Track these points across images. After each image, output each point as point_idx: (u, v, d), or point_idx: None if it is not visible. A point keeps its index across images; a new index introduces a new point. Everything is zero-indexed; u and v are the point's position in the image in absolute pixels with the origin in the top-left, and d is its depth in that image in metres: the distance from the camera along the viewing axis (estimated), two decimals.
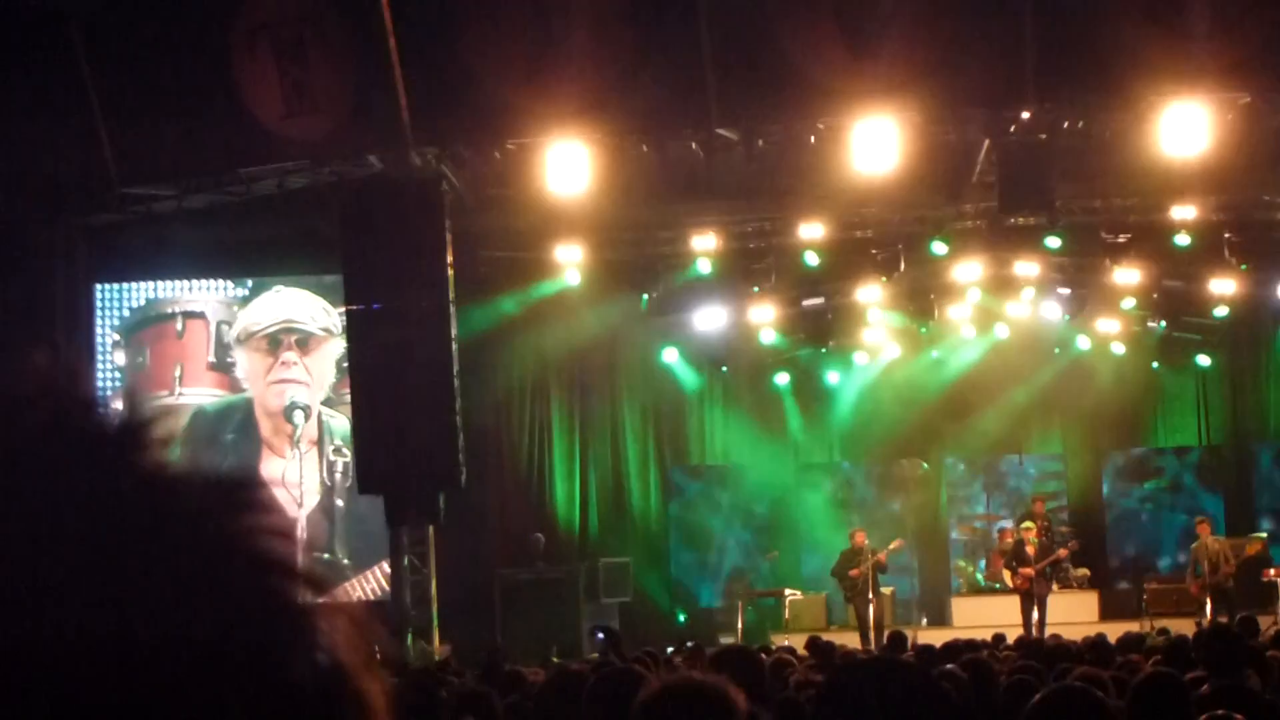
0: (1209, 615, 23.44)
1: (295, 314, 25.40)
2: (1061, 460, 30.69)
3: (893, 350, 30.07)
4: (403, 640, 21.82)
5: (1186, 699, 7.06)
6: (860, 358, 30.15)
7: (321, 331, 25.32)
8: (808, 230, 24.78)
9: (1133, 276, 26.29)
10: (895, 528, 27.89)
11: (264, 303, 25.44)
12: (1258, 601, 23.25)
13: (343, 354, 24.44)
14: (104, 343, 25.08)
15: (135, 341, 25.31)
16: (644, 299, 27.57)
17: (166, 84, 20.09)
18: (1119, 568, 29.18)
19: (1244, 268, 25.06)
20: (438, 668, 15.58)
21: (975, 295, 28.21)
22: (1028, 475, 30.23)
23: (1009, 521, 28.21)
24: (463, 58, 19.37)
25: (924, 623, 27.00)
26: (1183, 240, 24.68)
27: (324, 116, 20.07)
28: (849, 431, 30.65)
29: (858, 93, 18.92)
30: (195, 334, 25.42)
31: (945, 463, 30.35)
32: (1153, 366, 29.89)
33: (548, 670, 12.72)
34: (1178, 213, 24.15)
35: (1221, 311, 27.51)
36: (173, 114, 20.10)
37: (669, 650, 17.68)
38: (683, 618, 28.53)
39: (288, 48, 19.80)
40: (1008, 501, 29.80)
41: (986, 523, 29.04)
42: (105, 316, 25.17)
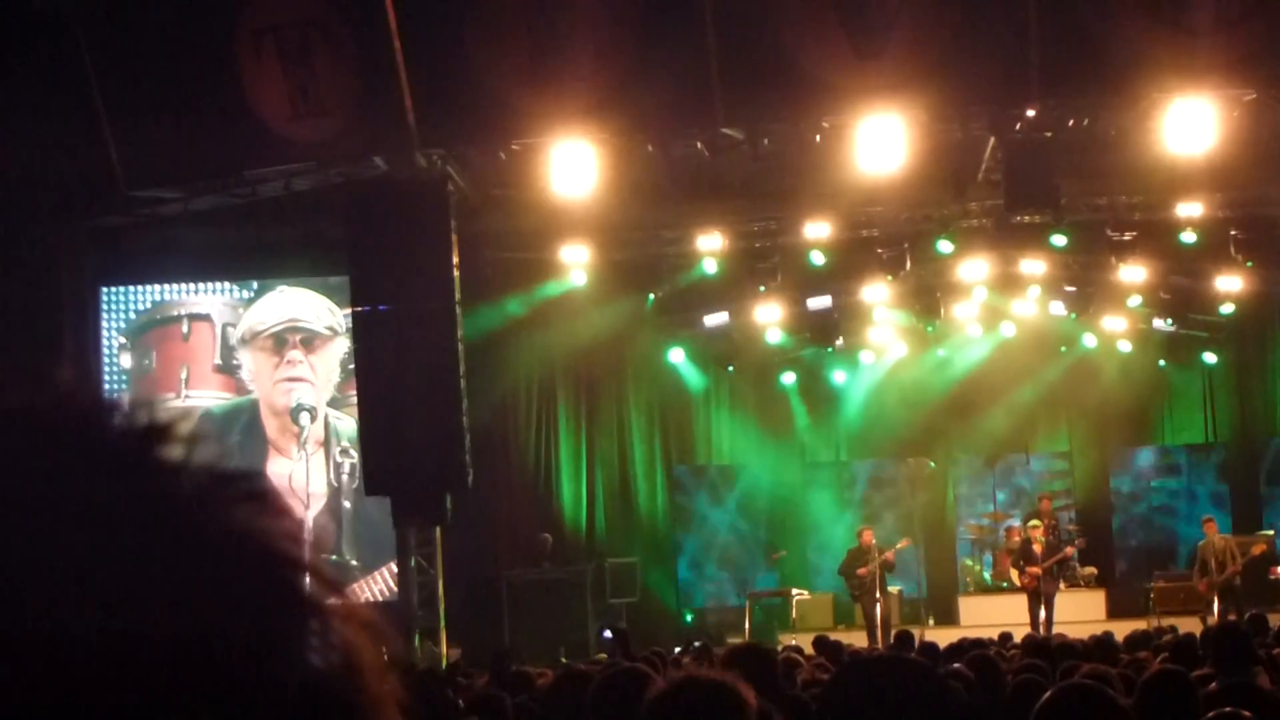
0: (1216, 613, 23.44)
1: (300, 313, 25.39)
2: (1068, 458, 30.69)
3: (899, 349, 30.09)
4: (410, 641, 21.83)
5: (1194, 696, 7.06)
6: (866, 357, 30.18)
7: (327, 330, 25.31)
8: (813, 229, 24.78)
9: (1139, 274, 26.29)
10: (902, 527, 27.91)
11: (269, 302, 25.44)
12: (1265, 599, 23.22)
13: (348, 354, 24.44)
14: (110, 345, 25.09)
15: (141, 344, 25.31)
16: (649, 299, 27.59)
17: (172, 86, 20.08)
18: (1126, 566, 29.16)
19: (1250, 265, 25.06)
20: (449, 670, 15.60)
21: (981, 294, 28.22)
22: (1034, 474, 30.23)
23: (1016, 520, 28.21)
24: (468, 58, 19.36)
25: (931, 622, 26.97)
26: (1189, 237, 24.67)
27: (329, 118, 20.06)
28: (855, 430, 30.67)
29: (863, 91, 18.90)
30: (201, 336, 25.42)
31: (952, 461, 30.35)
32: (1159, 364, 29.89)
33: (556, 671, 12.72)
34: (1183, 210, 24.14)
35: (1228, 309, 27.51)
36: (178, 116, 20.09)
37: (676, 650, 17.68)
38: (690, 617, 28.54)
39: (293, 50, 19.80)
40: (1014, 500, 29.79)
41: (993, 521, 29.02)
42: (111, 319, 25.17)
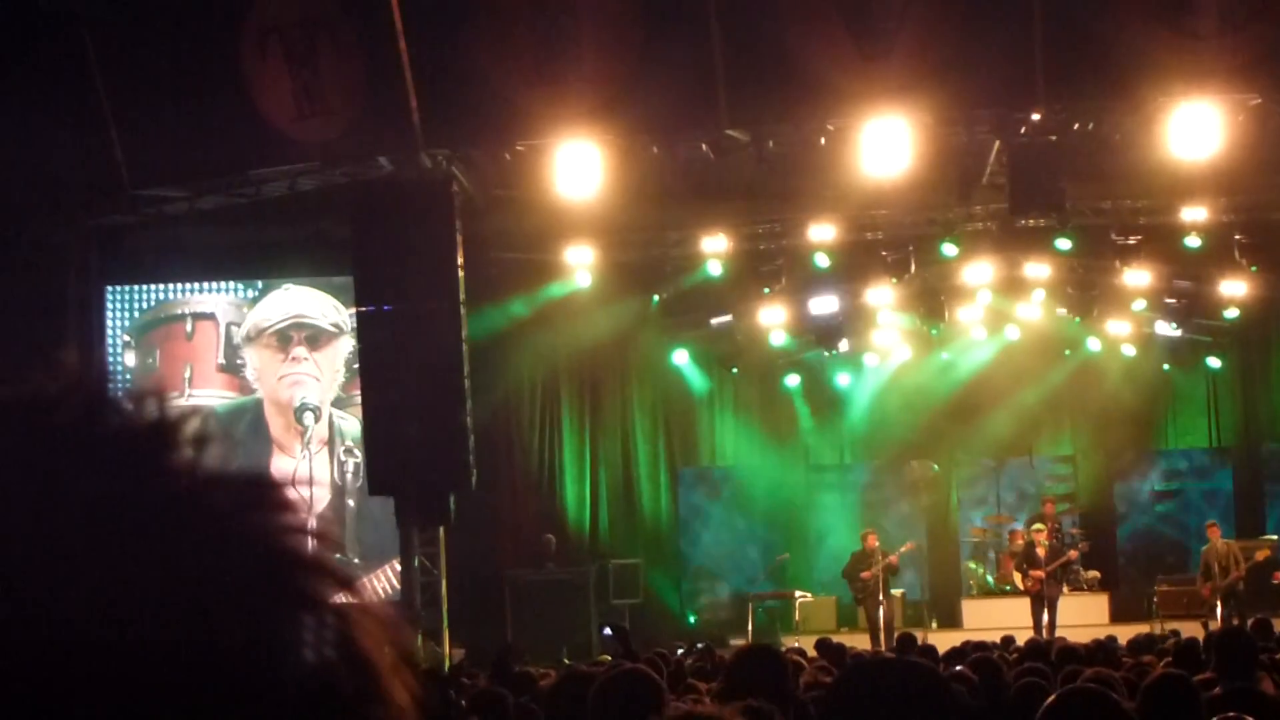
0: (1219, 618, 23.43)
1: (305, 310, 25.40)
2: (1072, 462, 30.69)
3: (903, 352, 30.08)
4: (413, 641, 21.83)
5: (1197, 701, 7.06)
6: (871, 359, 30.17)
7: (332, 328, 25.31)
8: (818, 232, 24.78)
9: (1143, 278, 26.27)
10: (906, 529, 27.89)
11: (274, 300, 25.45)
12: (1268, 604, 23.20)
13: (352, 353, 24.45)
14: (114, 344, 25.10)
15: (145, 343, 25.32)
16: (654, 300, 27.59)
17: (177, 85, 20.09)
18: (1129, 570, 29.15)
19: (1254, 269, 25.05)
20: (453, 671, 15.60)
21: (986, 297, 28.21)
22: (1038, 477, 30.22)
23: (1019, 523, 28.19)
24: (473, 59, 19.37)
25: (934, 625, 26.97)
26: (1193, 242, 24.66)
27: (335, 118, 20.07)
28: (859, 433, 30.65)
29: (868, 94, 18.90)
30: (205, 335, 25.43)
31: (956, 464, 30.33)
32: (1163, 368, 29.88)
33: (559, 672, 12.72)
34: (1188, 214, 24.13)
35: (1232, 313, 27.50)
36: (184, 115, 20.11)
37: (679, 652, 17.68)
38: (693, 619, 28.55)
39: (298, 50, 19.81)
40: (1018, 503, 29.78)
41: (997, 524, 29.00)
42: (115, 318, 25.18)
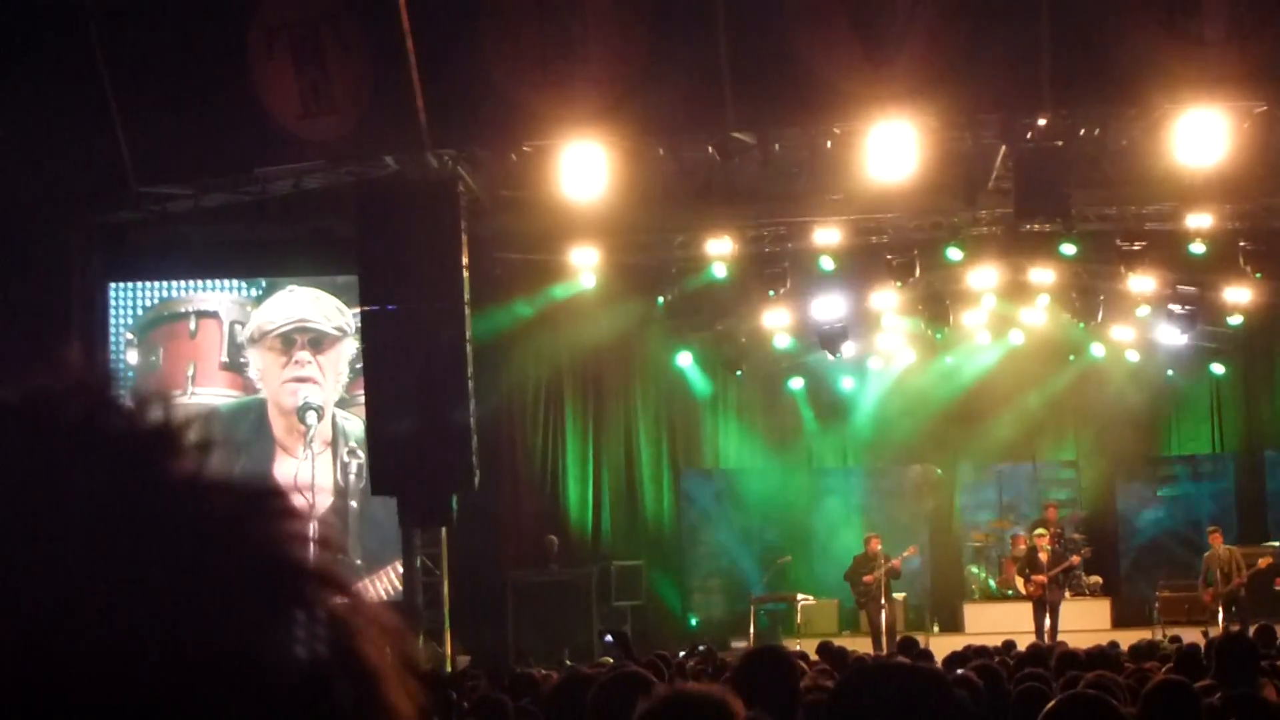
0: (1221, 624, 23.42)
1: (309, 313, 25.39)
2: (1075, 467, 30.68)
3: (907, 356, 30.08)
4: (415, 643, 21.84)
5: (1198, 707, 7.05)
6: (874, 363, 30.17)
7: (335, 331, 25.31)
8: (823, 235, 24.76)
9: (1147, 284, 26.26)
10: (909, 534, 27.87)
11: (277, 302, 25.44)
12: (1271, 611, 23.18)
13: (356, 354, 24.46)
14: (117, 342, 25.09)
15: (148, 341, 25.31)
16: (659, 302, 27.58)
17: (184, 83, 20.09)
18: (1131, 575, 29.14)
19: (1259, 276, 25.02)
20: (458, 676, 15.60)
21: (990, 301, 28.20)
22: (1041, 482, 30.21)
23: (1022, 528, 28.17)
24: (480, 60, 19.37)
25: (936, 629, 26.98)
26: (1198, 248, 24.64)
27: (341, 117, 20.07)
28: (863, 437, 30.65)
29: (874, 98, 18.89)
30: (208, 333, 25.43)
31: (959, 469, 30.33)
32: (1167, 374, 29.86)
33: (560, 673, 12.72)
34: (1193, 221, 24.11)
35: (1236, 320, 27.48)
36: (190, 113, 20.11)
37: (680, 654, 17.67)
38: (694, 621, 28.53)
39: (305, 48, 19.81)
40: (1021, 508, 29.76)
41: (999, 529, 28.99)
42: (118, 315, 25.18)
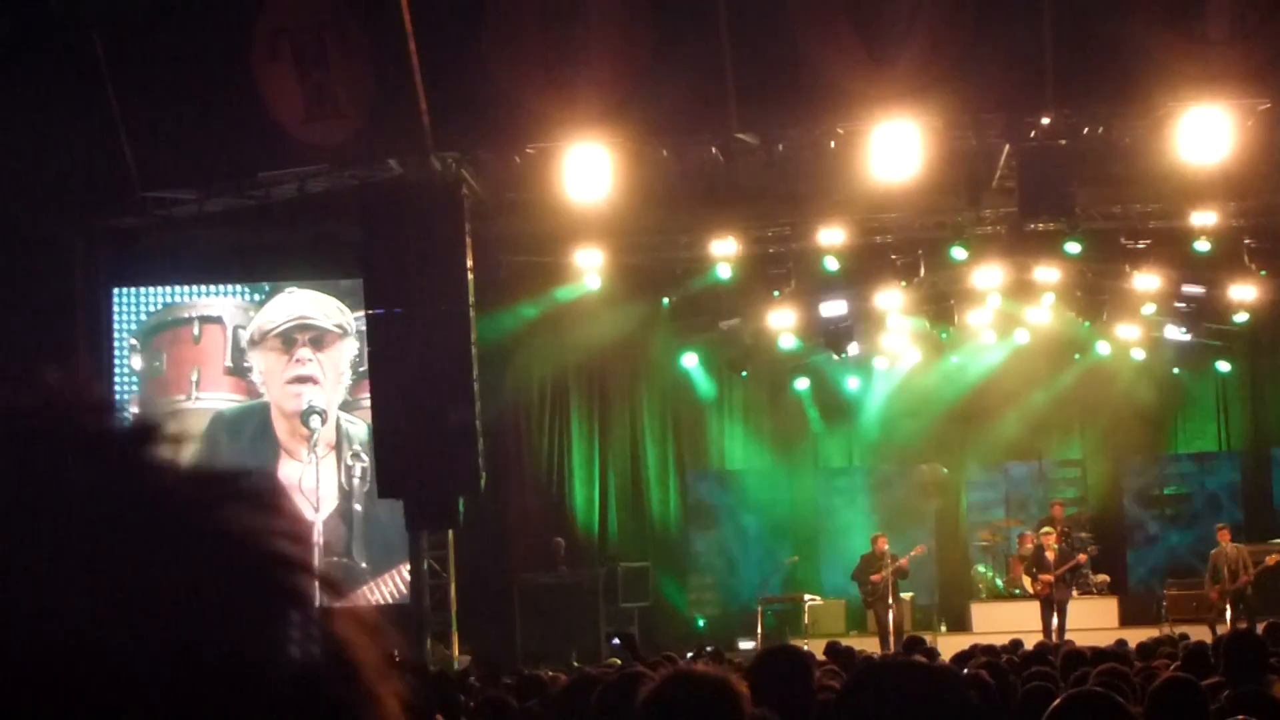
0: (1228, 622, 23.40)
1: (309, 311, 25.40)
2: (1081, 466, 30.65)
3: (912, 355, 30.06)
4: (422, 644, 21.84)
5: (1205, 705, 7.05)
6: (880, 363, 30.15)
7: (335, 328, 25.31)
8: (827, 235, 24.76)
9: (1153, 282, 26.25)
10: (915, 533, 27.83)
11: (278, 303, 25.46)
12: (1276, 609, 23.15)
13: (357, 355, 24.50)
14: (121, 347, 25.11)
15: (152, 346, 25.33)
16: (664, 303, 27.59)
17: (187, 87, 20.11)
18: (1138, 573, 29.13)
19: (1264, 274, 25.02)
20: (458, 677, 15.57)
21: (995, 300, 28.18)
22: (1047, 480, 30.19)
23: (1029, 527, 28.14)
24: (483, 62, 19.38)
25: (943, 628, 26.97)
26: (1203, 246, 24.63)
27: (345, 121, 20.09)
28: (869, 436, 30.63)
29: (878, 97, 18.89)
30: (212, 338, 25.44)
31: (965, 468, 30.30)
32: (1173, 372, 29.84)
33: (569, 675, 12.72)
34: (1197, 219, 24.12)
35: (1241, 317, 27.46)
36: (193, 117, 20.13)
37: (688, 655, 17.66)
38: (701, 622, 28.51)
39: (309, 52, 19.83)
40: (1027, 507, 29.74)
41: (1006, 528, 28.97)
42: (122, 320, 25.19)
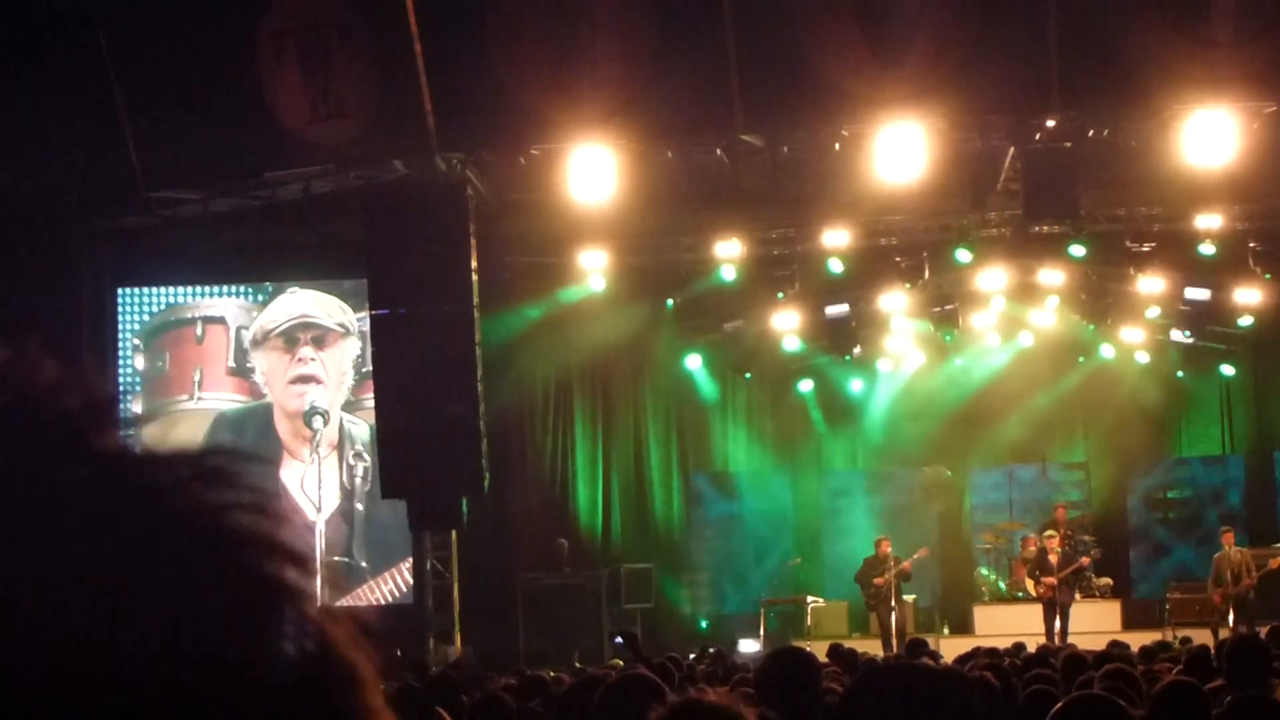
0: (1231, 625, 23.39)
1: (311, 309, 25.39)
2: (1084, 469, 30.63)
3: (916, 358, 30.04)
4: (425, 645, 21.85)
5: (1207, 708, 7.04)
6: (884, 365, 30.13)
7: (338, 327, 25.31)
8: (832, 237, 24.74)
9: (1157, 285, 26.23)
10: (919, 536, 27.82)
11: (279, 302, 25.46)
12: (1279, 612, 23.14)
13: (360, 355, 24.52)
14: (125, 347, 25.12)
15: (155, 346, 25.33)
16: (669, 304, 27.58)
17: (192, 88, 20.13)
18: (1142, 577, 29.11)
19: (1268, 277, 25.01)
20: (450, 668, 15.57)
21: (999, 303, 28.16)
22: (1051, 483, 30.16)
23: (1032, 530, 28.12)
24: (488, 63, 19.39)
25: (946, 631, 26.96)
26: (1207, 249, 24.62)
27: (349, 121, 20.11)
28: (872, 439, 30.62)
29: (882, 100, 18.90)
30: (215, 339, 25.44)
31: (969, 470, 30.29)
32: (1177, 375, 29.82)
33: (571, 675, 12.72)
34: (1202, 221, 24.10)
35: (1246, 321, 27.44)
36: (198, 118, 20.14)
37: (691, 657, 17.66)
38: (705, 624, 28.51)
39: (314, 53, 19.85)
40: (1031, 510, 29.72)
41: (1009, 531, 28.95)
42: (126, 321, 25.20)
